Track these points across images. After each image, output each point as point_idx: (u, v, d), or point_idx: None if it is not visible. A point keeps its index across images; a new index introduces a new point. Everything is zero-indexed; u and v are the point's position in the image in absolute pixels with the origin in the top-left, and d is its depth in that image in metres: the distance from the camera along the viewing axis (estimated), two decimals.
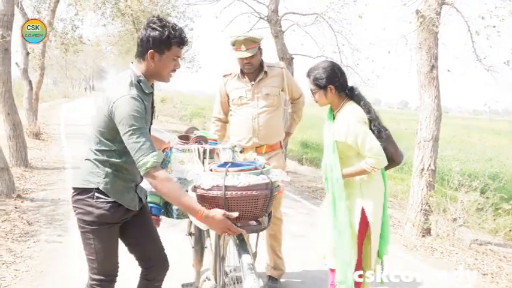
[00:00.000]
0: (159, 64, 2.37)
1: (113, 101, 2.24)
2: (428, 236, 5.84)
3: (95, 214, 2.36)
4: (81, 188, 2.39)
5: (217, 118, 4.04)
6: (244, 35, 3.62)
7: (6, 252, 4.46)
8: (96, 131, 2.36)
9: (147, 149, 2.19)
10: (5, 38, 7.74)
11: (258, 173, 2.39)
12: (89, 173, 2.38)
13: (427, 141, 5.88)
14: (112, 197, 2.38)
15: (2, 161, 6.47)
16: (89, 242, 2.42)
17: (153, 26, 2.32)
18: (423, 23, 5.70)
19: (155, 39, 2.31)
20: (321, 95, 3.09)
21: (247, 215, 2.35)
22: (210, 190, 2.33)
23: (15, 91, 9.79)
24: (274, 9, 9.76)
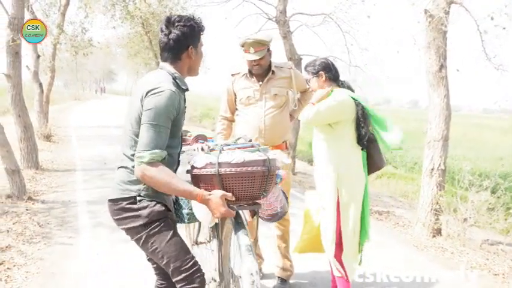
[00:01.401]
0: (197, 57, 2.42)
1: (150, 89, 2.21)
2: (438, 236, 5.80)
3: (144, 215, 2.29)
4: (120, 199, 2.32)
5: (223, 117, 4.04)
6: (254, 38, 3.62)
7: (17, 254, 4.50)
8: (131, 132, 2.30)
9: (154, 145, 2.16)
10: (15, 42, 7.81)
11: (254, 150, 2.35)
12: (127, 182, 2.31)
13: (436, 141, 5.84)
14: (153, 199, 2.32)
15: (13, 164, 6.53)
16: (154, 248, 2.32)
17: (182, 23, 2.32)
18: (432, 22, 5.67)
19: (191, 35, 2.35)
20: (314, 81, 3.45)
21: (244, 195, 2.30)
22: (204, 168, 2.29)
23: (27, 94, 9.87)
24: (283, 10, 9.75)
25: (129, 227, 2.32)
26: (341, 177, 3.27)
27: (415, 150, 15.78)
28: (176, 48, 2.35)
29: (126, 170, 2.32)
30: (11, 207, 6.02)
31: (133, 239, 2.36)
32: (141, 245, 2.36)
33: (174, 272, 2.32)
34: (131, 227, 2.32)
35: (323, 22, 10.41)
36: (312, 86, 3.50)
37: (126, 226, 2.34)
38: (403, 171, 13.69)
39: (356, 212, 3.32)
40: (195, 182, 2.42)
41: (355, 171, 3.32)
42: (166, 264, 2.33)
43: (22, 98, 8.30)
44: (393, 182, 11.08)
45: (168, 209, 2.39)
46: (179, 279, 2.31)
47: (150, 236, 2.31)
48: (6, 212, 5.76)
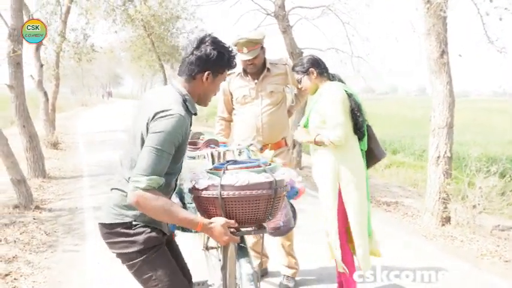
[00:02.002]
0: (210, 87, 2.26)
1: (160, 110, 2.06)
2: (448, 225, 5.73)
3: (139, 241, 2.17)
4: (114, 224, 2.19)
5: (221, 117, 4.04)
6: (246, 38, 3.59)
7: (24, 264, 4.51)
8: (132, 153, 2.16)
9: (153, 170, 2.00)
10: (16, 52, 7.83)
11: (260, 171, 2.20)
12: (122, 206, 2.17)
13: (441, 128, 5.77)
14: (149, 225, 2.21)
15: (19, 174, 6.55)
16: (148, 276, 2.20)
17: (212, 45, 2.18)
18: (430, 8, 5.58)
19: (216, 61, 2.19)
20: (305, 80, 3.43)
21: (249, 219, 2.17)
22: (206, 190, 2.17)
23: (33, 103, 9.92)
24: (281, 4, 9.68)
25: (122, 252, 2.20)
26: (341, 170, 3.26)
27: (423, 138, 15.65)
28: (195, 65, 2.18)
29: (122, 194, 2.17)
30: (18, 217, 6.04)
31: (125, 264, 2.23)
32: (134, 271, 2.22)
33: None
34: (124, 252, 2.20)
35: (322, 14, 10.34)
36: (304, 85, 3.48)
37: (118, 251, 2.22)
38: (411, 159, 13.57)
39: (360, 203, 3.29)
40: (197, 203, 2.32)
41: (355, 162, 3.29)
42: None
43: (26, 108, 8.32)
44: (402, 171, 10.98)
45: (164, 233, 2.29)
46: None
47: (145, 263, 2.19)
48: (13, 222, 5.78)
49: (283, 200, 2.35)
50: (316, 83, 3.41)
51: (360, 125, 3.27)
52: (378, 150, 3.41)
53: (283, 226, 2.85)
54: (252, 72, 3.79)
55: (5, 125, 15.40)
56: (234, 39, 3.66)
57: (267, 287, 3.95)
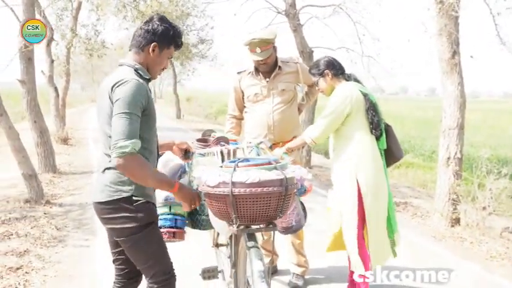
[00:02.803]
0: (156, 59, 2.42)
1: (115, 82, 2.23)
2: (457, 226, 5.71)
3: (139, 217, 2.31)
4: (112, 201, 2.31)
5: (232, 115, 4.05)
6: (259, 37, 3.60)
7: (35, 258, 4.55)
8: (105, 130, 2.30)
9: (130, 133, 2.14)
10: (28, 48, 7.89)
11: (270, 168, 2.19)
12: (117, 183, 2.30)
13: (452, 129, 5.75)
14: (147, 199, 2.36)
15: (30, 169, 6.61)
16: (141, 251, 2.36)
17: (158, 21, 2.39)
18: (442, 8, 5.55)
19: (162, 34, 2.38)
20: (321, 82, 3.47)
21: (259, 216, 2.17)
22: (216, 187, 2.18)
23: (44, 98, 10.00)
24: (292, 2, 9.67)
25: (123, 227, 2.31)
26: (359, 167, 3.26)
27: (433, 139, 15.58)
28: (142, 37, 2.38)
29: (115, 171, 2.29)
30: (29, 212, 6.10)
31: (121, 238, 2.35)
32: (129, 245, 2.36)
33: (158, 273, 2.39)
34: (124, 227, 2.31)
35: (333, 13, 10.32)
36: (320, 87, 3.51)
37: (117, 226, 2.33)
38: (421, 160, 13.51)
39: (379, 201, 3.30)
40: (207, 200, 2.32)
41: (373, 160, 3.29)
42: (152, 265, 2.39)
43: (37, 103, 8.38)
44: (411, 171, 10.95)
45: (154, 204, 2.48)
46: (160, 279, 2.39)
47: (141, 239, 2.34)
48: (24, 217, 5.84)
49: (293, 197, 2.36)
50: (331, 84, 3.44)
51: (375, 125, 3.27)
52: (397, 150, 3.42)
53: (295, 225, 2.86)
54: (264, 71, 3.80)
55: (16, 120, 15.50)
56: (246, 39, 3.67)
57: (277, 285, 3.95)
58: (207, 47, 25.37)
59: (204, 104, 32.23)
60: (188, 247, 4.13)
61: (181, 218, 2.83)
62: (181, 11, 21.75)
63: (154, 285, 2.39)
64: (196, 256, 4.34)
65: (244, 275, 2.67)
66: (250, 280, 2.35)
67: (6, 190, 7.27)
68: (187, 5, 21.69)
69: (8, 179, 7.89)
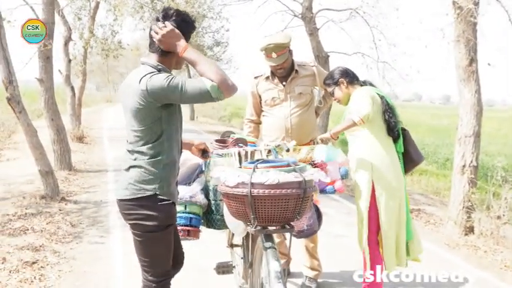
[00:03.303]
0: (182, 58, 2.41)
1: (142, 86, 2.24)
2: (471, 235, 5.67)
3: (160, 218, 2.35)
4: (136, 198, 2.36)
5: (249, 120, 4.07)
6: (274, 42, 3.60)
7: (50, 253, 4.61)
8: (140, 131, 2.34)
9: (199, 81, 2.21)
10: (46, 47, 8.00)
11: (289, 170, 2.23)
12: (141, 181, 2.35)
13: (468, 137, 5.71)
14: (170, 198, 2.40)
15: (47, 165, 6.69)
16: (149, 249, 2.42)
17: (179, 18, 2.38)
18: (460, 14, 5.53)
19: (184, 29, 2.38)
20: (337, 91, 3.50)
21: (277, 217, 2.20)
22: (235, 187, 2.21)
23: (60, 97, 10.13)
24: (309, 6, 9.70)
25: (142, 223, 2.37)
26: (375, 169, 3.27)
27: (447, 147, 15.51)
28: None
29: (140, 170, 2.35)
30: (45, 208, 6.18)
31: (136, 231, 2.41)
32: (140, 240, 2.42)
33: (156, 273, 2.46)
34: (141, 224, 2.37)
35: (350, 17, 10.33)
36: (336, 96, 3.53)
37: (137, 222, 2.38)
38: (434, 167, 13.44)
39: (393, 205, 3.29)
40: (226, 200, 2.37)
41: (390, 162, 3.30)
42: (154, 264, 2.45)
43: (54, 102, 8.51)
44: (425, 178, 10.89)
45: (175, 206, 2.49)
46: (157, 279, 2.46)
47: (157, 238, 2.39)
48: (40, 212, 5.91)
49: (311, 200, 2.38)
50: (347, 92, 3.46)
51: (392, 126, 3.30)
52: (416, 154, 3.42)
53: (307, 230, 2.88)
54: (281, 75, 3.82)
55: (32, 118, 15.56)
56: (261, 45, 3.68)
57: (290, 287, 3.96)
58: (222, 49, 25.47)
59: (218, 106, 32.28)
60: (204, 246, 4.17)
61: (196, 217, 2.87)
62: (197, 12, 21.87)
63: (151, 283, 2.47)
64: (211, 255, 4.36)
65: (259, 276, 2.69)
66: (265, 281, 2.37)
67: (22, 186, 7.37)
68: (203, 6, 21.80)
69: (24, 175, 7.99)
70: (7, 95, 6.12)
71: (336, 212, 6.66)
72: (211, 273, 3.50)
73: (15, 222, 5.45)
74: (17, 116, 6.35)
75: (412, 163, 3.44)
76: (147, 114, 2.30)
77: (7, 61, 6.01)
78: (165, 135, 2.35)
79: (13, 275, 4.05)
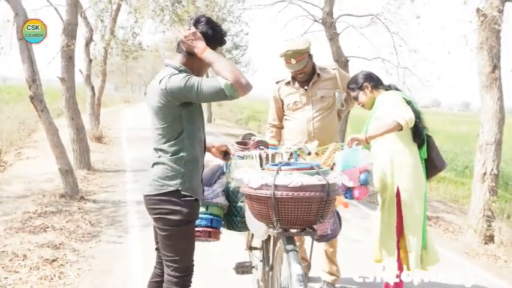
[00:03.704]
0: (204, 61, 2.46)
1: (162, 86, 2.34)
2: (491, 244, 5.59)
3: (183, 212, 2.43)
4: (159, 194, 2.44)
5: (272, 124, 4.07)
6: (292, 49, 3.61)
7: (70, 251, 4.66)
8: (161, 128, 2.44)
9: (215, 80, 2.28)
10: (69, 47, 8.13)
11: (313, 173, 2.24)
12: (164, 178, 2.44)
13: (489, 145, 5.65)
14: (192, 195, 2.47)
15: (67, 164, 6.77)
16: (174, 244, 2.48)
17: (206, 24, 2.47)
18: (484, 21, 5.48)
19: (212, 38, 2.47)
20: (361, 95, 3.47)
21: (300, 220, 2.20)
22: (259, 189, 2.22)
23: (79, 97, 10.25)
24: (329, 11, 9.68)
25: (166, 217, 2.44)
26: (400, 175, 3.25)
27: (466, 155, 15.33)
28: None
29: (163, 166, 2.45)
30: (64, 206, 6.25)
31: (160, 226, 2.48)
32: (164, 235, 2.48)
33: (179, 268, 2.50)
34: (166, 218, 2.44)
35: (371, 23, 10.28)
36: (360, 100, 3.51)
37: (161, 216, 2.45)
38: (453, 175, 13.29)
39: (416, 210, 3.27)
40: (248, 202, 2.39)
41: (414, 169, 3.27)
42: (177, 259, 2.49)
43: (75, 101, 8.62)
44: (443, 186, 10.77)
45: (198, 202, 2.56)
46: (180, 275, 2.51)
47: (177, 233, 2.46)
48: (60, 211, 5.98)
49: (334, 203, 2.37)
50: (371, 96, 3.44)
51: (419, 132, 3.27)
52: (439, 160, 3.39)
53: (331, 234, 2.87)
54: (302, 80, 3.83)
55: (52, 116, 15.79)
56: (281, 51, 3.69)
57: None
58: (241, 52, 25.56)
59: (235, 109, 32.40)
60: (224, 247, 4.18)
61: (217, 218, 2.88)
62: (217, 16, 21.99)
63: (173, 278, 2.52)
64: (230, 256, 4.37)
65: (279, 279, 2.69)
66: (285, 284, 2.37)
67: (42, 184, 7.47)
68: (223, 10, 21.91)
69: (44, 174, 8.10)
70: (30, 94, 6.22)
71: (352, 217, 6.62)
72: (231, 273, 3.50)
73: (36, 220, 5.52)
74: (39, 114, 6.45)
75: (435, 169, 3.41)
76: (167, 113, 2.39)
77: (31, 60, 6.11)
78: (186, 132, 2.44)
79: (33, 272, 4.11)
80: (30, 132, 13.47)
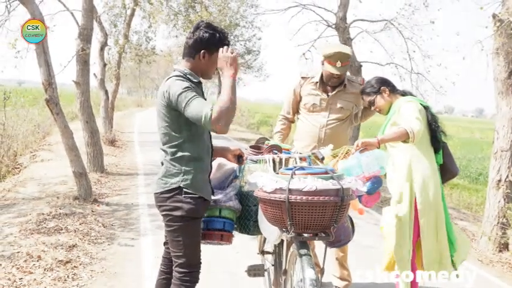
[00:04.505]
0: (208, 63, 2.61)
1: (165, 87, 2.48)
2: (505, 251, 5.53)
3: (184, 209, 2.52)
4: (164, 191, 2.56)
5: (284, 117, 4.08)
6: (343, 51, 3.64)
7: (83, 253, 4.69)
8: (163, 129, 2.56)
9: (201, 108, 2.32)
10: (84, 51, 8.22)
11: (327, 178, 2.24)
12: (167, 175, 2.57)
13: (504, 151, 5.59)
14: (195, 192, 2.54)
15: (81, 167, 6.83)
16: (178, 239, 2.58)
17: (204, 29, 2.57)
18: (500, 27, 5.44)
19: (209, 41, 2.56)
20: (379, 99, 3.45)
21: (314, 224, 2.20)
22: (273, 193, 2.22)
23: (93, 100, 10.34)
24: (343, 16, 9.69)
25: (168, 214, 2.57)
26: (418, 182, 3.21)
27: (480, 161, 15.20)
28: (192, 47, 2.59)
29: (166, 165, 2.59)
30: (78, 208, 6.29)
31: (166, 222, 2.61)
32: (169, 230, 2.60)
33: (184, 263, 2.59)
34: (170, 215, 2.56)
35: (384, 28, 10.27)
36: (378, 105, 3.48)
37: (165, 213, 2.58)
38: (466, 182, 13.16)
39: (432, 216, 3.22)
40: (262, 206, 2.40)
41: (432, 175, 3.23)
42: (181, 255, 2.58)
43: (90, 105, 8.70)
44: (456, 193, 10.68)
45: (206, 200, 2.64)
46: (185, 271, 2.59)
47: (181, 228, 2.56)
48: (73, 213, 6.02)
49: (348, 208, 2.37)
50: (389, 100, 3.43)
51: (438, 137, 3.27)
52: (453, 166, 3.39)
53: (344, 239, 2.86)
54: (332, 85, 3.82)
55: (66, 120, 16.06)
56: (327, 51, 3.68)
57: None
58: (253, 57, 25.65)
59: (246, 113, 32.40)
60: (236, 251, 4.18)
61: (230, 222, 2.87)
62: (230, 21, 22.11)
63: (178, 274, 2.61)
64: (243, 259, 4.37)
65: (292, 284, 2.68)
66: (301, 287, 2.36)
67: (56, 186, 7.54)
68: (236, 15, 22.02)
69: (58, 176, 8.17)
70: (46, 97, 6.28)
71: (364, 223, 6.58)
72: (243, 276, 3.50)
73: (50, 221, 5.56)
74: (54, 117, 6.52)
75: (450, 174, 3.39)
76: (168, 113, 2.51)
77: (47, 64, 6.18)
78: (186, 133, 2.53)
79: (47, 273, 4.14)
80: (44, 135, 13.61)
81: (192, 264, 2.62)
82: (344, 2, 9.69)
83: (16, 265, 4.22)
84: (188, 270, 2.60)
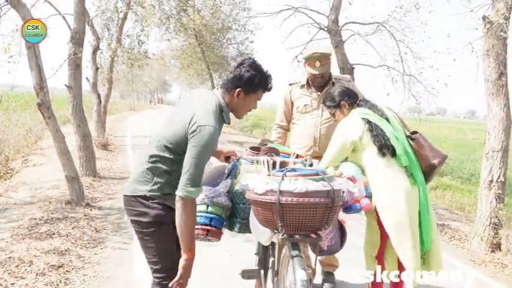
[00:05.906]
0: (241, 103, 2.56)
1: (199, 124, 2.33)
2: (498, 252, 5.56)
3: (151, 214, 2.48)
4: (131, 196, 2.52)
5: (279, 125, 4.14)
6: (321, 52, 3.71)
7: (75, 257, 4.67)
8: (163, 135, 2.47)
9: (198, 180, 2.32)
10: (76, 55, 8.18)
11: (318, 179, 2.24)
12: (137, 181, 2.51)
13: (495, 152, 5.63)
14: (161, 200, 2.50)
15: (73, 171, 6.80)
16: (150, 246, 2.55)
17: (247, 67, 2.51)
18: (490, 29, 5.48)
19: (247, 81, 2.50)
20: (338, 113, 3.49)
21: (305, 226, 2.20)
22: (264, 195, 2.23)
23: (86, 104, 10.31)
24: (335, 19, 9.72)
25: (136, 219, 2.52)
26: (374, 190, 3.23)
27: (472, 162, 15.26)
28: (230, 82, 2.53)
29: (141, 171, 2.52)
30: (70, 213, 6.26)
31: (136, 229, 2.57)
32: (140, 237, 2.57)
33: (161, 269, 2.57)
34: (137, 220, 2.52)
35: (376, 31, 10.32)
36: (338, 118, 3.52)
37: (133, 218, 2.54)
38: (459, 183, 13.20)
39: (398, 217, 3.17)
40: (253, 208, 2.40)
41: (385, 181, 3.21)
42: (156, 261, 2.56)
43: (82, 109, 8.66)
44: (449, 194, 10.71)
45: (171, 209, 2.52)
46: (163, 275, 2.56)
47: (150, 235, 2.52)
48: (66, 217, 5.99)
49: (339, 210, 2.38)
50: (347, 114, 3.45)
51: (380, 145, 3.18)
52: (434, 155, 3.24)
53: (327, 250, 2.86)
54: (318, 85, 3.88)
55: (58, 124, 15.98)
56: (307, 53, 3.82)
57: None
58: None
59: None
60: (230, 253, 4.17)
61: (218, 218, 2.85)
62: (223, 24, 22.13)
63: (157, 279, 2.59)
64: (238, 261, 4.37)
65: (284, 285, 2.68)
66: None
67: (48, 191, 7.50)
68: (228, 19, 22.04)
69: (50, 181, 8.13)
70: (38, 101, 6.26)
71: (356, 224, 6.55)
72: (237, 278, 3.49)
73: (42, 226, 5.53)
74: (46, 121, 6.49)
75: (431, 167, 3.24)
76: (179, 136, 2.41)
77: (39, 68, 6.16)
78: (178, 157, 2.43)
79: (39, 278, 4.11)
80: (36, 139, 13.52)
81: (169, 269, 2.56)
82: (336, 4, 9.72)
83: (8, 270, 4.18)
84: (166, 274, 2.55)
